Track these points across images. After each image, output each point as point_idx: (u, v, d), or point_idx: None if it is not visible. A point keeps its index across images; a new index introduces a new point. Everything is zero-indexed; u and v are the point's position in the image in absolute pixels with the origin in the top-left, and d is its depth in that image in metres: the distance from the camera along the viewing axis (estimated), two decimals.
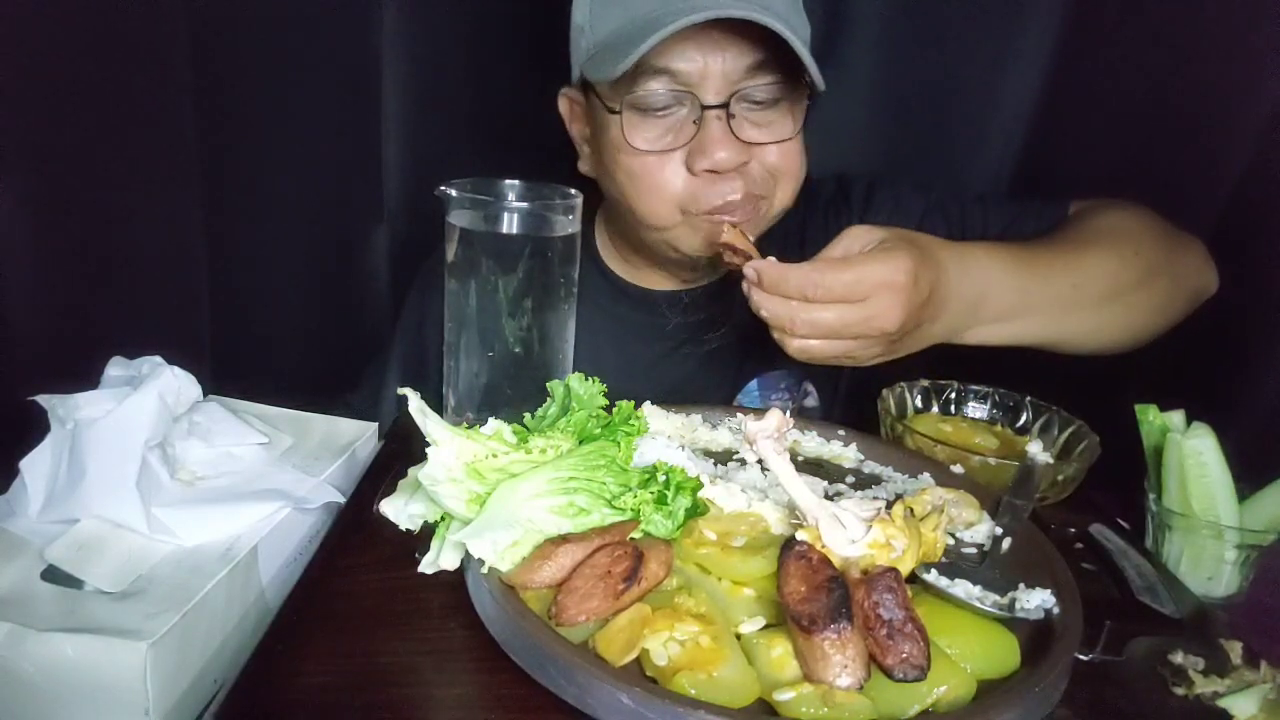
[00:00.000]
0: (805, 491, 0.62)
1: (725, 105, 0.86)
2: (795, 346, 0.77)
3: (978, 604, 0.59)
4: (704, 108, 0.86)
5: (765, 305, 0.76)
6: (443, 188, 0.72)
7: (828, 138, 1.29)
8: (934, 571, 0.61)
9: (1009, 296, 0.84)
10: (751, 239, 0.93)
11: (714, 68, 0.85)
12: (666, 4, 0.83)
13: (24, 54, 1.01)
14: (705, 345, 1.06)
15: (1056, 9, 1.23)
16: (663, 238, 0.95)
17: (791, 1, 0.90)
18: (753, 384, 1.07)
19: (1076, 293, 0.87)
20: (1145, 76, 1.15)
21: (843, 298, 0.74)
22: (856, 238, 0.79)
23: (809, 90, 0.89)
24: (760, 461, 0.66)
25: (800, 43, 0.82)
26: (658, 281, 1.07)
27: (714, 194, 0.88)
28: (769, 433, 0.64)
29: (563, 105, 1.00)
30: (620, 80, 0.85)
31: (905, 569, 0.58)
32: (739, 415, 0.87)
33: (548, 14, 0.97)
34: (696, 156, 0.87)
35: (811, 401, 1.09)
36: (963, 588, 0.60)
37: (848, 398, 1.09)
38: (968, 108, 1.30)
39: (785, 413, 0.66)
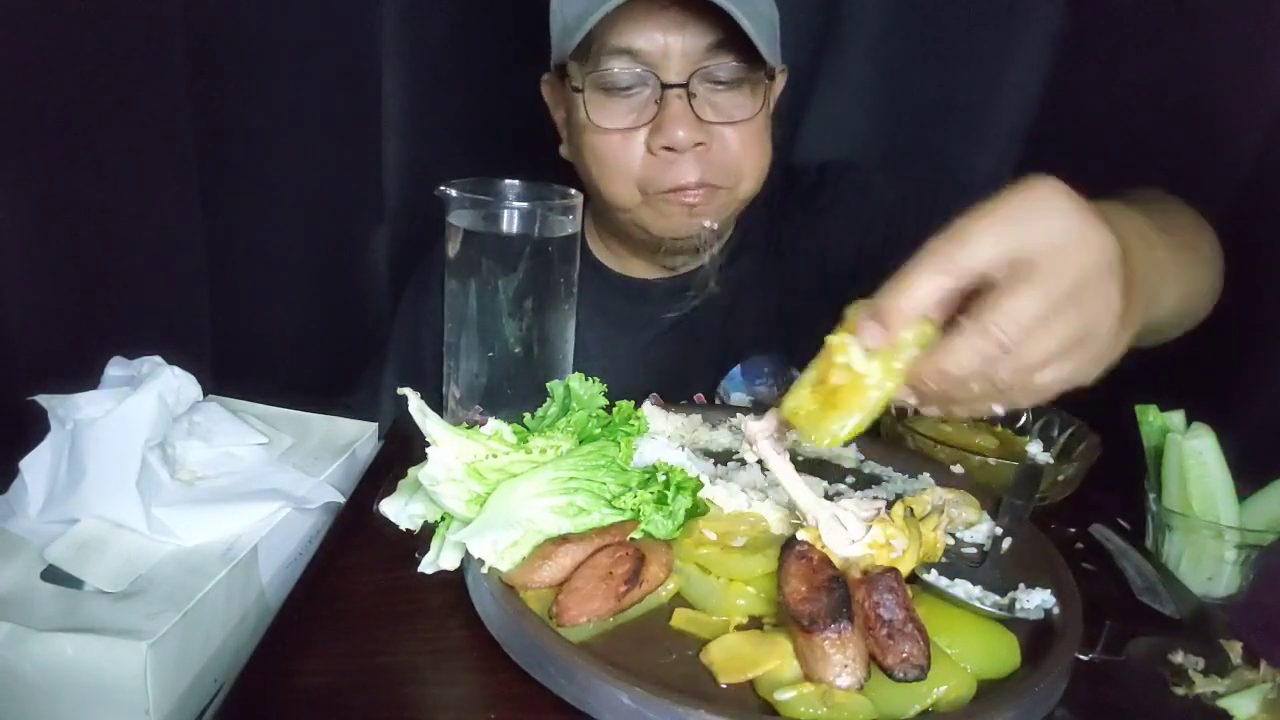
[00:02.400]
0: (805, 491, 0.62)
1: (685, 85, 0.87)
2: (1038, 385, 0.51)
3: (978, 604, 0.59)
4: (665, 86, 0.87)
5: (929, 379, 0.51)
6: (443, 188, 0.72)
7: (828, 137, 1.29)
8: (934, 571, 0.61)
9: (1163, 256, 0.63)
10: (715, 224, 0.95)
11: (674, 46, 0.86)
12: None
13: (23, 55, 1.01)
14: (689, 333, 1.07)
15: (1058, 10, 1.23)
16: (630, 219, 0.97)
17: None
18: (736, 370, 1.07)
19: (1192, 248, 0.70)
20: (1148, 75, 1.15)
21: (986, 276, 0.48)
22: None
23: (770, 74, 0.90)
24: (760, 461, 0.66)
25: (750, 21, 0.83)
26: (641, 269, 1.08)
27: (670, 174, 0.90)
28: (769, 433, 0.64)
29: (545, 91, 1.01)
30: (587, 61, 0.87)
31: (905, 569, 0.58)
32: (739, 415, 0.87)
33: (548, 14, 0.97)
34: (655, 134, 0.88)
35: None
36: (963, 588, 0.60)
37: None
38: (969, 107, 1.30)
39: (772, 397, 0.66)
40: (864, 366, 0.52)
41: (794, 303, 1.06)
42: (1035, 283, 0.47)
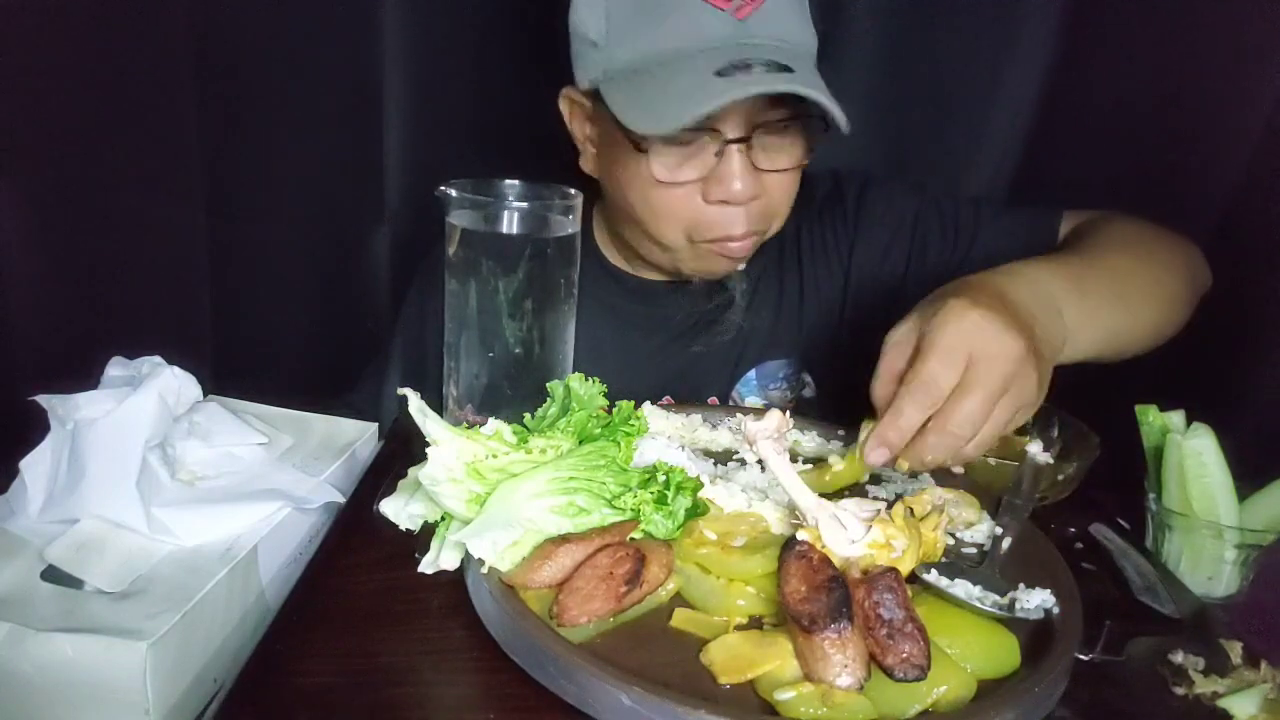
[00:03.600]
0: (805, 491, 0.62)
1: (747, 138, 0.86)
2: (970, 453, 0.67)
3: (978, 604, 0.59)
4: (726, 141, 0.86)
5: (930, 455, 0.66)
6: (443, 188, 0.72)
7: (826, 141, 1.29)
8: (934, 571, 0.61)
9: (1070, 300, 0.76)
10: (744, 264, 0.97)
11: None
12: (694, 41, 0.83)
13: (26, 56, 1.01)
14: (704, 336, 1.07)
15: (1055, 11, 1.23)
16: (669, 258, 0.97)
17: (803, 19, 0.90)
18: (751, 374, 1.08)
19: (1120, 291, 0.83)
20: (1145, 77, 1.15)
21: (952, 365, 0.64)
22: (903, 335, 0.69)
23: (824, 123, 0.88)
24: (760, 461, 0.66)
25: (829, 98, 0.82)
26: (657, 274, 1.08)
27: (720, 223, 0.90)
28: (769, 433, 0.64)
29: (564, 105, 1.00)
30: None
31: (905, 569, 0.58)
32: (739, 415, 0.87)
33: (549, 15, 0.96)
34: (714, 186, 0.88)
35: (809, 392, 1.09)
36: (963, 588, 0.60)
37: (846, 390, 1.10)
38: (967, 110, 1.30)
39: (784, 410, 0.66)
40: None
41: (812, 310, 1.07)
42: (977, 388, 0.64)
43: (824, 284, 1.07)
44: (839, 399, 1.10)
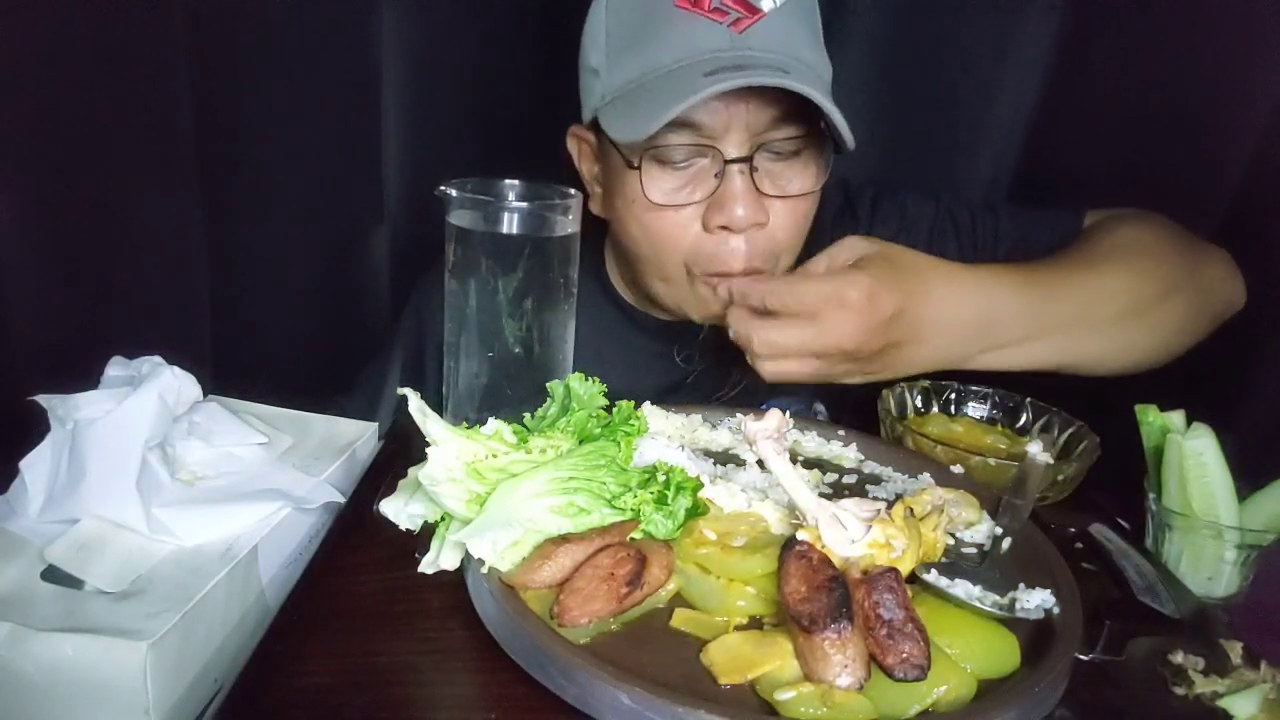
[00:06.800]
0: (805, 491, 0.62)
1: (749, 159, 0.82)
2: (766, 370, 0.79)
3: (978, 604, 0.59)
4: (726, 161, 0.82)
5: (730, 321, 0.78)
6: (442, 188, 0.72)
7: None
8: (934, 571, 0.61)
9: (1019, 320, 0.81)
10: None
11: (738, 120, 0.81)
12: (688, 53, 0.80)
13: (25, 55, 1.01)
14: (718, 373, 1.04)
15: (1055, 10, 1.23)
16: (671, 297, 0.93)
17: (813, 40, 0.87)
18: (764, 407, 1.06)
19: (1090, 312, 0.83)
20: (1145, 77, 1.15)
21: (795, 314, 0.75)
22: (847, 248, 0.80)
23: (835, 143, 0.84)
24: (760, 461, 0.66)
25: (831, 104, 0.78)
26: (669, 316, 1.03)
27: (719, 253, 0.86)
28: (769, 433, 0.64)
29: (571, 144, 0.96)
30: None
31: (905, 569, 0.58)
32: (739, 415, 0.87)
33: (548, 15, 0.96)
34: (714, 212, 0.83)
35: (821, 418, 1.08)
36: (963, 588, 0.60)
37: (855, 411, 1.09)
38: (967, 110, 1.30)
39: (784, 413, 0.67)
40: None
41: None
42: (803, 337, 0.76)
43: None
44: (852, 415, 1.09)
